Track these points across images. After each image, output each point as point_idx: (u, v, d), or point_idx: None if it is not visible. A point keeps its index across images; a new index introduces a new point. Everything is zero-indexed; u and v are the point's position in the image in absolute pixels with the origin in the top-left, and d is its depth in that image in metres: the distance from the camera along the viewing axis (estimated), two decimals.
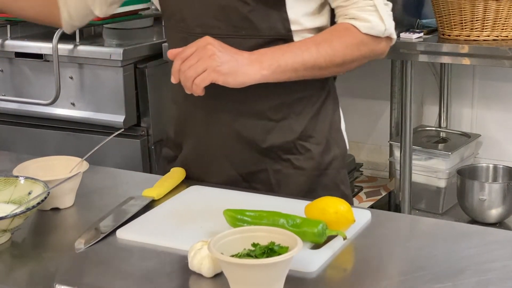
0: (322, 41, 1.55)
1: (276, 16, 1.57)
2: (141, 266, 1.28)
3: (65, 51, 2.69)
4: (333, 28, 1.59)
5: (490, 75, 2.96)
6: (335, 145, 1.70)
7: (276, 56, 1.51)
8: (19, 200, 1.44)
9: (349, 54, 1.57)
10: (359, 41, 1.57)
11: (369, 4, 1.57)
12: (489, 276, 1.23)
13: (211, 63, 1.45)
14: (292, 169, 1.65)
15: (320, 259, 1.26)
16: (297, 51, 1.53)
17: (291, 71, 1.52)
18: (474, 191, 2.62)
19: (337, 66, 1.57)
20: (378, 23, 1.58)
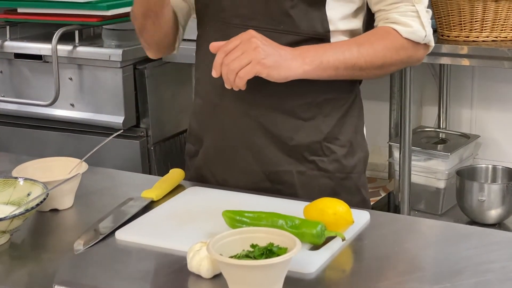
0: (364, 42, 1.55)
1: (316, 15, 1.56)
2: (140, 267, 1.28)
3: (64, 52, 2.69)
4: (374, 31, 1.60)
5: (489, 76, 2.96)
6: (359, 148, 1.70)
7: (318, 53, 1.51)
8: (18, 201, 1.44)
9: (389, 57, 1.57)
10: (399, 45, 1.57)
11: (411, 9, 1.57)
12: (488, 277, 1.23)
13: (256, 55, 1.44)
14: (317, 171, 1.63)
15: (319, 260, 1.26)
16: (338, 49, 1.53)
17: (332, 69, 1.52)
18: (473, 192, 2.62)
19: (376, 68, 1.57)
20: (419, 29, 1.58)
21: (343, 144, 1.65)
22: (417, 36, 1.58)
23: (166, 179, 1.62)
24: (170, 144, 2.89)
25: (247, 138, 1.62)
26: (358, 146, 1.69)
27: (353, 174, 1.68)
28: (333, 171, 1.65)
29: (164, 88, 2.83)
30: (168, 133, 2.87)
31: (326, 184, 1.64)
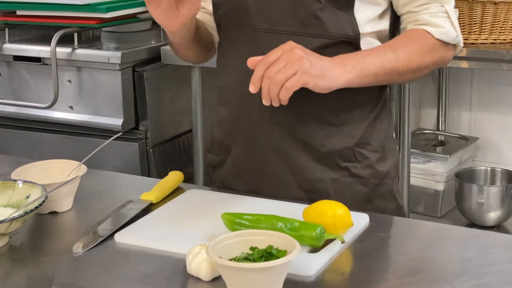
0: (398, 46, 1.54)
1: (345, 18, 1.54)
2: (139, 270, 1.28)
3: (63, 55, 2.69)
4: (407, 34, 1.58)
5: (488, 79, 2.96)
6: (390, 153, 1.68)
7: (357, 60, 1.49)
8: (17, 204, 1.44)
9: (423, 60, 1.56)
10: (432, 47, 1.56)
11: (441, 10, 1.57)
12: (487, 279, 1.23)
13: (301, 65, 1.40)
14: (350, 178, 1.60)
15: (318, 262, 1.26)
16: (375, 55, 1.51)
17: (372, 76, 1.50)
18: (472, 194, 2.62)
19: (412, 71, 1.56)
20: (450, 29, 1.57)
21: (375, 149, 1.63)
22: (449, 36, 1.57)
23: (165, 181, 1.62)
24: (169, 146, 2.88)
25: (277, 146, 1.58)
26: (389, 151, 1.67)
27: (387, 180, 1.66)
28: (366, 176, 1.62)
29: (163, 91, 2.83)
30: (167, 136, 2.87)
31: (360, 191, 1.62)
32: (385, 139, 1.66)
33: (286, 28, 1.53)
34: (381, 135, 1.65)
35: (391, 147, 1.69)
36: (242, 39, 1.58)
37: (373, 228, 1.41)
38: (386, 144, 1.66)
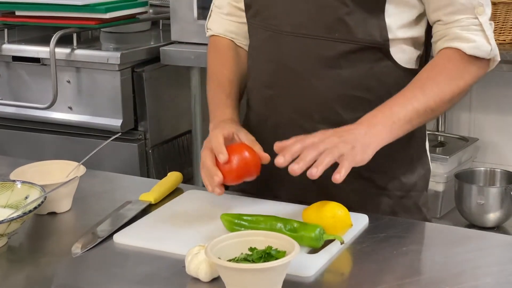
0: (426, 81, 1.46)
1: (373, 22, 1.47)
2: (138, 270, 1.28)
3: (62, 55, 2.69)
4: (433, 64, 1.50)
5: (487, 79, 2.95)
6: (420, 165, 1.62)
7: (386, 115, 1.41)
8: (16, 204, 1.44)
9: (456, 87, 1.47)
10: (462, 70, 1.48)
11: (473, 23, 1.48)
12: (486, 280, 1.23)
13: (345, 146, 1.34)
14: (374, 189, 1.56)
15: (318, 263, 1.26)
16: (404, 101, 1.44)
17: (407, 123, 1.43)
18: (472, 195, 2.61)
19: (446, 103, 1.48)
20: (484, 43, 1.48)
21: (402, 160, 1.57)
22: (482, 51, 1.48)
23: (164, 182, 1.62)
24: (168, 147, 2.88)
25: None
26: (419, 162, 1.62)
27: (413, 192, 1.60)
28: (391, 189, 1.57)
29: (162, 91, 2.83)
30: (166, 136, 2.87)
31: (384, 203, 1.57)
32: (415, 149, 1.60)
33: (311, 32, 1.49)
34: (410, 145, 1.58)
35: (421, 158, 1.63)
36: (268, 41, 1.56)
37: (372, 229, 1.41)
38: (416, 154, 1.61)
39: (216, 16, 1.74)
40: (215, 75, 1.68)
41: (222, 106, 1.60)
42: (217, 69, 1.68)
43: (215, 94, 1.64)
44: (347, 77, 1.50)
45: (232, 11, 1.70)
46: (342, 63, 1.49)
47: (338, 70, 1.49)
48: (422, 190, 1.63)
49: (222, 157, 1.41)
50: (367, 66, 1.50)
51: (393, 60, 1.51)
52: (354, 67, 1.49)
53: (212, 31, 1.74)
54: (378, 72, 1.51)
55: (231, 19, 1.71)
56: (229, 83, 1.65)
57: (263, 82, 1.58)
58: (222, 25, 1.72)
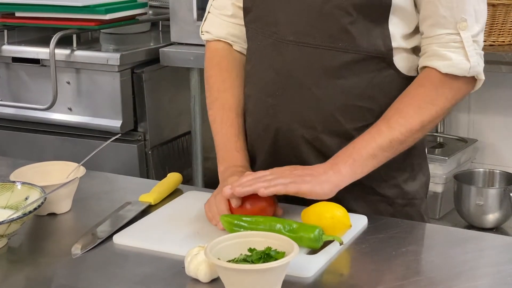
0: (394, 114, 1.45)
1: (377, 31, 1.46)
2: (138, 271, 1.28)
3: (62, 56, 2.69)
4: (406, 92, 1.47)
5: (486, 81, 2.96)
6: (421, 172, 1.61)
7: (347, 152, 1.42)
8: (16, 205, 1.44)
9: (427, 115, 1.44)
10: (434, 96, 1.45)
11: (454, 39, 1.44)
12: (485, 281, 1.23)
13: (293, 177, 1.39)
14: (375, 197, 1.54)
15: (317, 264, 1.26)
16: (368, 137, 1.43)
17: (370, 159, 1.42)
18: (471, 196, 2.62)
19: (418, 132, 1.45)
20: (462, 61, 1.43)
21: (404, 168, 1.56)
22: (459, 69, 1.44)
23: (164, 183, 1.62)
24: (168, 148, 2.89)
25: (300, 160, 1.52)
26: (419, 170, 1.61)
27: (415, 200, 1.59)
28: (392, 196, 1.56)
29: (161, 92, 2.83)
30: (166, 137, 2.87)
31: (385, 211, 1.55)
32: (415, 157, 1.58)
33: (314, 41, 1.47)
34: (411, 153, 1.55)
35: (422, 165, 1.62)
36: (269, 49, 1.53)
37: (371, 230, 1.41)
38: (416, 162, 1.59)
39: (216, 18, 1.68)
40: (219, 102, 1.64)
41: (232, 149, 1.58)
42: (220, 94, 1.64)
43: (223, 131, 1.61)
44: (350, 87, 1.48)
45: (236, 13, 1.65)
46: (345, 73, 1.48)
47: (341, 80, 1.48)
48: (423, 198, 1.63)
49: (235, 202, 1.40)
50: (370, 76, 1.48)
51: (395, 69, 1.50)
52: (357, 77, 1.48)
53: (210, 35, 1.69)
54: (380, 81, 1.49)
55: (234, 21, 1.66)
56: (236, 116, 1.62)
57: (263, 90, 1.56)
58: (224, 27, 1.67)
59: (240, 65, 1.67)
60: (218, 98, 1.64)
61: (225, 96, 1.63)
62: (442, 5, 1.44)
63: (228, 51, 1.68)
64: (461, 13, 1.44)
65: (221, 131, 1.61)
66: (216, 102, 1.64)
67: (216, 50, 1.68)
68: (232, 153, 1.57)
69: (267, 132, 1.56)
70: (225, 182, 1.47)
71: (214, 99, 1.64)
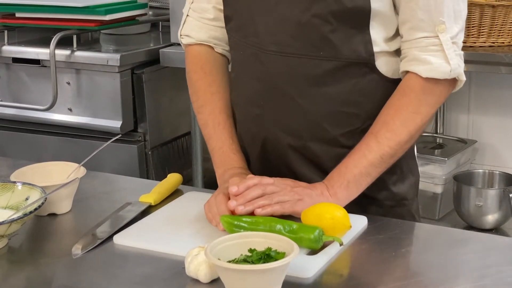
0: (380, 128, 1.45)
1: (358, 38, 1.46)
2: (138, 271, 1.28)
3: (62, 57, 2.69)
4: (389, 102, 1.47)
5: (486, 82, 2.96)
6: (410, 173, 1.61)
7: (341, 174, 1.44)
8: (17, 205, 1.44)
9: (413, 125, 1.46)
10: (417, 104, 1.45)
11: (433, 43, 1.44)
12: (485, 282, 1.23)
13: (293, 196, 1.41)
14: (365, 199, 1.52)
15: (317, 265, 1.26)
16: (359, 155, 1.44)
17: (365, 177, 1.44)
18: (470, 197, 2.62)
19: (406, 143, 1.47)
20: (442, 64, 1.44)
21: (392, 170, 1.54)
22: (440, 72, 1.44)
23: (164, 183, 1.62)
24: (168, 149, 2.89)
25: (290, 167, 1.54)
26: (408, 171, 1.61)
27: (405, 201, 1.60)
28: (381, 199, 1.57)
29: (162, 93, 2.83)
30: (166, 138, 2.87)
31: (375, 212, 1.55)
32: (404, 159, 1.56)
33: (296, 51, 1.47)
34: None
35: (411, 166, 1.62)
36: (251, 59, 1.54)
37: (371, 231, 1.42)
38: (405, 163, 1.59)
39: (195, 22, 1.68)
40: (209, 106, 1.64)
41: (228, 152, 1.59)
42: (208, 98, 1.65)
43: (216, 135, 1.62)
44: (334, 94, 1.49)
45: (218, 16, 1.65)
46: (328, 80, 1.48)
47: (324, 88, 1.49)
48: (413, 198, 1.63)
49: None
50: (353, 82, 1.49)
51: (379, 73, 1.50)
52: (340, 84, 1.49)
53: (191, 39, 1.69)
54: (364, 86, 1.50)
55: (216, 24, 1.66)
56: (227, 118, 1.62)
57: (249, 100, 1.57)
58: (205, 31, 1.67)
59: (224, 67, 1.68)
60: (207, 101, 1.64)
61: (213, 99, 1.64)
62: (420, 8, 1.43)
63: (210, 54, 1.68)
64: (439, 16, 1.43)
65: (215, 134, 1.61)
66: (205, 106, 1.64)
67: (199, 53, 1.69)
68: (229, 156, 1.58)
69: (255, 140, 1.58)
70: (226, 183, 1.47)
71: (203, 103, 1.65)
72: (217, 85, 1.65)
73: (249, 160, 1.63)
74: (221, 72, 1.67)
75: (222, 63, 1.68)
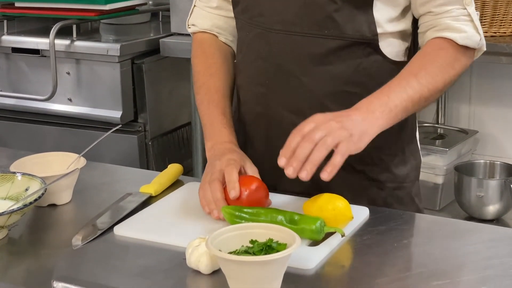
0: (419, 70, 1.46)
1: (362, 18, 1.48)
2: (139, 262, 1.28)
3: (62, 47, 2.69)
4: (424, 52, 1.50)
5: (487, 72, 2.96)
6: (411, 156, 1.62)
7: (383, 101, 1.40)
8: (16, 196, 1.44)
9: (447, 76, 1.47)
10: (453, 59, 1.48)
11: (463, 13, 1.49)
12: (487, 273, 1.23)
13: (342, 134, 1.32)
14: (367, 181, 1.55)
15: (318, 256, 1.26)
16: (399, 89, 1.42)
17: (402, 112, 1.42)
18: (471, 187, 2.61)
19: (438, 92, 1.47)
20: (474, 34, 1.49)
21: (394, 152, 1.57)
22: (473, 41, 1.49)
23: (165, 174, 1.62)
24: (168, 139, 2.88)
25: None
26: (410, 154, 1.62)
27: (406, 184, 1.61)
28: (384, 180, 1.58)
29: (162, 83, 2.83)
30: (166, 128, 2.87)
31: (377, 195, 1.57)
32: (407, 141, 1.60)
33: (300, 29, 1.49)
34: (402, 137, 1.58)
35: (413, 149, 1.63)
36: (257, 39, 1.56)
37: (373, 222, 1.41)
38: (407, 147, 1.61)
39: (201, 11, 1.72)
40: (206, 86, 1.65)
41: (219, 126, 1.59)
42: (206, 79, 1.66)
43: (209, 110, 1.62)
44: (337, 73, 1.51)
45: (221, 4, 1.69)
46: (332, 59, 1.50)
47: (328, 67, 1.50)
48: (414, 181, 1.64)
49: (234, 194, 1.40)
50: (357, 62, 1.51)
51: (382, 54, 1.52)
52: (344, 63, 1.50)
53: (196, 27, 1.72)
54: (368, 66, 1.51)
55: (219, 13, 1.70)
56: (222, 97, 1.63)
57: (254, 80, 1.58)
58: (209, 19, 1.70)
59: (225, 53, 1.69)
60: (205, 82, 1.66)
61: (211, 80, 1.66)
62: None
63: (214, 40, 1.71)
64: None
65: (208, 110, 1.63)
66: (203, 87, 1.66)
67: (202, 39, 1.72)
68: (219, 129, 1.59)
69: (259, 120, 1.59)
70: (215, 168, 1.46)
71: (201, 84, 1.67)
72: (217, 67, 1.67)
73: (250, 147, 1.63)
74: (222, 57, 1.69)
75: (224, 49, 1.70)
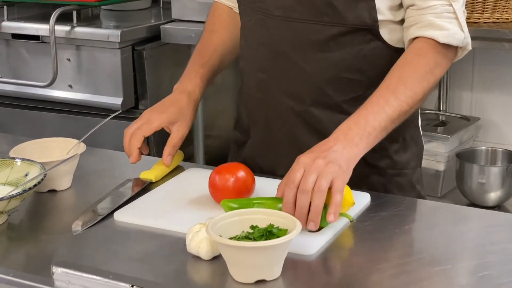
0: (398, 84, 1.43)
1: (363, 4, 1.47)
2: (139, 248, 1.27)
3: (62, 33, 2.68)
4: (405, 60, 1.46)
5: (490, 58, 2.94)
6: (413, 142, 1.62)
7: (361, 126, 1.37)
8: (16, 182, 1.43)
9: (427, 85, 1.45)
10: (434, 65, 1.46)
11: (448, 10, 1.45)
12: (488, 259, 1.22)
13: (332, 169, 1.29)
14: (366, 168, 1.53)
15: (319, 242, 1.26)
16: (377, 109, 1.40)
17: (382, 131, 1.40)
18: (473, 174, 2.61)
19: (420, 102, 1.46)
20: (457, 31, 1.46)
21: (395, 139, 1.56)
22: (456, 39, 1.46)
23: None
24: None
25: (292, 134, 1.55)
26: (411, 140, 1.62)
27: (407, 170, 1.60)
28: (384, 167, 1.58)
29: (163, 69, 2.82)
30: None
31: (377, 181, 1.57)
32: (407, 128, 1.59)
33: (301, 16, 1.49)
34: (402, 124, 1.53)
35: (414, 135, 1.63)
36: (258, 24, 1.56)
37: (374, 207, 1.41)
38: (408, 133, 1.61)
39: None
40: (202, 40, 1.72)
41: (192, 74, 1.66)
42: (207, 34, 1.72)
43: (193, 59, 1.70)
44: (337, 60, 1.51)
45: None
46: (332, 46, 1.50)
47: (328, 53, 1.50)
48: (416, 167, 1.64)
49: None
50: (357, 48, 1.50)
51: (383, 40, 1.51)
52: (344, 50, 1.50)
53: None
54: (368, 53, 1.51)
55: None
56: (213, 51, 1.69)
57: (254, 65, 1.59)
58: None
59: (236, 21, 1.70)
60: (203, 37, 1.73)
61: (210, 36, 1.72)
62: None
63: (227, 9, 1.75)
64: None
65: (193, 57, 1.70)
66: (200, 41, 1.72)
67: (218, 6, 1.76)
68: (189, 76, 1.66)
69: (259, 105, 1.60)
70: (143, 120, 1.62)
71: (201, 38, 1.73)
72: (219, 25, 1.72)
73: (250, 132, 1.63)
74: (230, 20, 1.72)
75: (236, 18, 1.70)
